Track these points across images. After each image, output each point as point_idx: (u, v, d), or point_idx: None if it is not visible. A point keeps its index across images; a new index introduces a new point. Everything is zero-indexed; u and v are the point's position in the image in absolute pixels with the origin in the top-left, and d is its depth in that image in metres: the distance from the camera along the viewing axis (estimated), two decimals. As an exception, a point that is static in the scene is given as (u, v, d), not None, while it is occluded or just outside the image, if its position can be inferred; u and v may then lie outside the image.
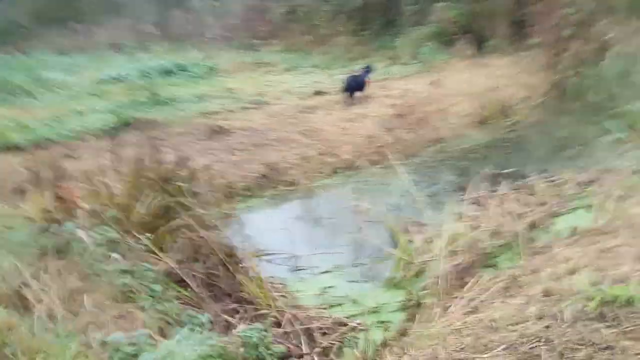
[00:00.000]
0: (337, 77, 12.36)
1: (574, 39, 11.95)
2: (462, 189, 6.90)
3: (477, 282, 4.34)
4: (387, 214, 6.13)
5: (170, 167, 5.02)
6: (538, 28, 12.71)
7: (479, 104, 10.33)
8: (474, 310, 3.81)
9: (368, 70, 10.08)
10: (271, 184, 7.45)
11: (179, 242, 4.39)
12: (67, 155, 7.48)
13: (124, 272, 3.85)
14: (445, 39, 13.83)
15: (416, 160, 8.43)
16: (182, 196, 4.78)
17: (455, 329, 3.53)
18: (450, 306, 4.06)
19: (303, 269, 5.24)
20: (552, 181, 6.75)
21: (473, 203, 6.32)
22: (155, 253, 4.26)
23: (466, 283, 4.45)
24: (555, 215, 5.83)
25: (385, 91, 10.48)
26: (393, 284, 4.87)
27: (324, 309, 4.42)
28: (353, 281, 5.03)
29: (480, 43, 14.02)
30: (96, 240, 4.11)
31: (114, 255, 3.98)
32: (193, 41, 17.23)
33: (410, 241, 5.30)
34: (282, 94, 10.97)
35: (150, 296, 3.71)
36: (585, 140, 8.53)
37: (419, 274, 4.85)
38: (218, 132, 8.39)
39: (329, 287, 4.91)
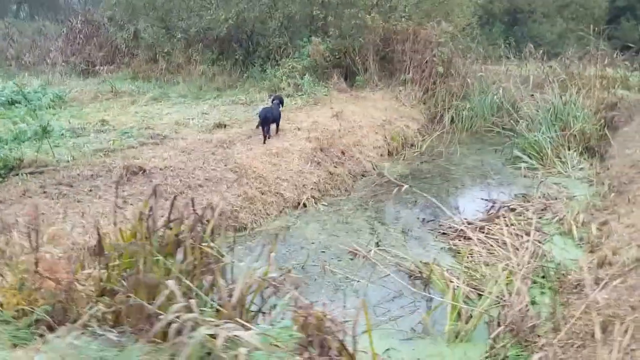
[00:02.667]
0: (222, 108, 11.47)
1: (445, 76, 12.70)
2: (423, 221, 6.78)
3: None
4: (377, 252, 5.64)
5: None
6: (408, 65, 13.22)
7: (382, 136, 10.29)
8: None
9: (280, 102, 9.38)
10: (220, 231, 6.35)
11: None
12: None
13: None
14: (318, 72, 13.67)
15: (356, 194, 7.99)
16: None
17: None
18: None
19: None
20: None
21: (456, 236, 6.09)
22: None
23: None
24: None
25: (291, 124, 9.84)
26: (456, 337, 4.26)
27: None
28: (407, 339, 4.32)
29: (350, 77, 14.18)
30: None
31: None
32: (28, 67, 14.72)
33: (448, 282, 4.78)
34: (176, 127, 9.68)
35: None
36: (496, 168, 8.96)
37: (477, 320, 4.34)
38: (136, 173, 6.96)
39: (387, 350, 4.16)
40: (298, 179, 7.87)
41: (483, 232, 5.87)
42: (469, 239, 5.83)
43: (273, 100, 9.41)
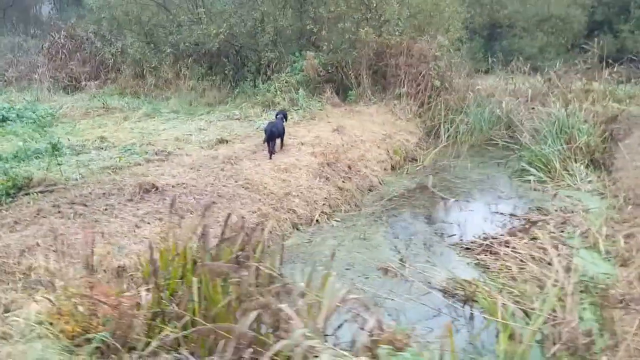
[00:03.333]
0: (219, 124, 11.33)
1: (440, 90, 12.76)
2: (442, 236, 6.74)
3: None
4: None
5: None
6: (402, 79, 13.25)
7: (385, 150, 10.25)
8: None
9: (284, 117, 9.28)
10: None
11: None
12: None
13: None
14: (311, 86, 13.62)
15: (368, 209, 7.91)
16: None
17: None
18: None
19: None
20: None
21: (481, 251, 6.04)
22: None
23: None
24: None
25: (293, 139, 9.74)
26: (512, 358, 4.16)
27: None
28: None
29: (343, 92, 14.16)
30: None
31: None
32: (11, 83, 14.35)
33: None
34: (177, 143, 9.51)
35: None
36: (503, 181, 8.99)
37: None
38: (148, 190, 6.77)
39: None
40: (308, 195, 7.75)
41: (508, 247, 5.81)
42: (495, 253, 5.78)
43: (277, 115, 9.31)
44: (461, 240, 6.43)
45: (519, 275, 5.15)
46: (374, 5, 13.68)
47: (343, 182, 8.50)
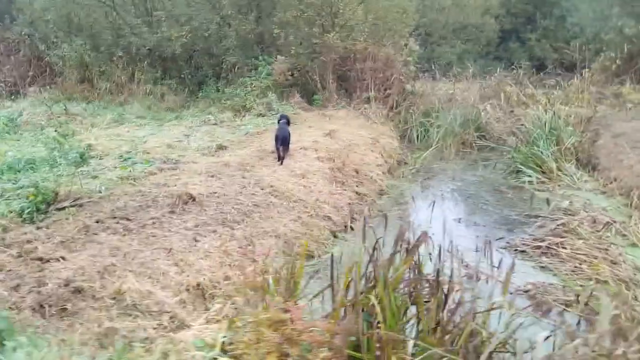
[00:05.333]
0: (202, 130, 10.89)
1: (409, 94, 13.07)
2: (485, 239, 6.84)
3: None
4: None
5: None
6: (369, 83, 13.43)
7: (379, 154, 10.35)
8: None
9: (287, 121, 9.07)
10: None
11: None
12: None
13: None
14: (278, 91, 13.45)
15: (392, 214, 7.91)
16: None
17: None
18: None
19: None
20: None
21: (541, 253, 6.21)
22: None
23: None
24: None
25: (291, 144, 9.54)
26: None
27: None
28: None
29: (308, 96, 14.10)
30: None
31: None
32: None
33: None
34: (170, 150, 9.02)
35: None
36: (501, 182, 9.34)
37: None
38: (186, 201, 6.36)
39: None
40: (333, 201, 7.65)
41: (565, 248, 6.03)
42: (555, 255, 5.96)
43: (280, 120, 9.07)
44: (508, 243, 6.54)
45: (596, 276, 5.31)
46: (340, 11, 13.73)
47: (357, 186, 8.46)
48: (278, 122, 9.09)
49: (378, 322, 3.20)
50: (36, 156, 7.89)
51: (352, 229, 7.24)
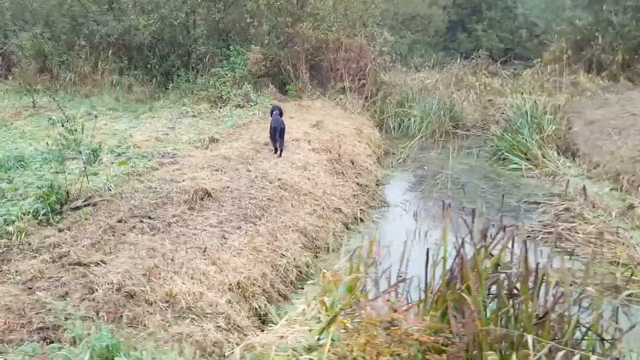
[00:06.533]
0: (185, 122, 10.57)
1: (382, 84, 13.13)
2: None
3: None
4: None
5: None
6: (343, 73, 13.40)
7: (366, 144, 10.36)
8: None
9: (280, 112, 8.89)
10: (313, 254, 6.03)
11: None
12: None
13: None
14: (253, 81, 13.19)
15: (396, 204, 7.95)
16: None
17: None
18: None
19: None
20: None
21: (557, 239, 6.35)
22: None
23: None
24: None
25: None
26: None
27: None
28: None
29: (280, 86, 13.91)
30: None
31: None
32: None
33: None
34: (160, 143, 8.69)
35: None
36: (489, 170, 9.55)
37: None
38: (203, 197, 6.14)
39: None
40: (339, 193, 7.60)
41: (578, 233, 6.21)
42: (568, 240, 6.14)
43: (273, 111, 8.88)
44: (520, 230, 6.66)
45: (616, 259, 5.50)
46: (311, 1, 13.59)
47: (356, 177, 8.44)
48: (271, 114, 8.91)
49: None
50: (24, 153, 7.42)
51: (361, 220, 7.21)
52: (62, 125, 5.82)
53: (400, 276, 3.65)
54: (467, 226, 3.81)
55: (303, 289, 5.28)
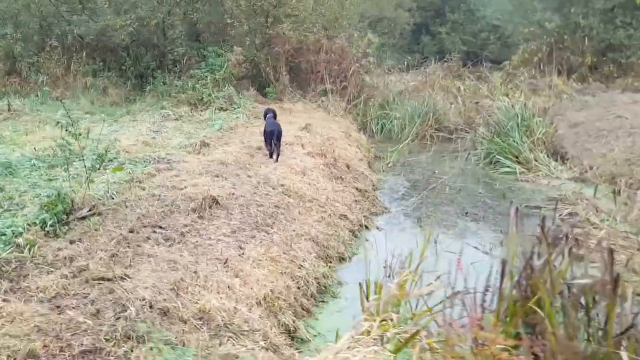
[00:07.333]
0: (169, 125, 10.26)
1: (364, 87, 13.09)
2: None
3: None
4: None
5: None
6: (323, 75, 13.31)
7: (356, 148, 10.28)
8: None
9: (274, 115, 8.71)
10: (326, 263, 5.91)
11: None
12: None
13: None
14: (234, 83, 12.95)
15: (396, 210, 7.89)
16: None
17: None
18: None
19: None
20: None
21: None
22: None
23: None
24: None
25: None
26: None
27: None
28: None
29: (259, 89, 13.71)
30: None
31: None
32: None
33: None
34: (149, 148, 8.39)
35: None
36: (482, 173, 9.60)
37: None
38: (210, 205, 5.91)
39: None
40: (341, 199, 7.48)
41: (591, 239, 6.23)
42: (581, 246, 6.15)
43: (267, 114, 8.69)
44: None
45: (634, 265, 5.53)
46: (291, 2, 13.42)
47: (355, 181, 8.34)
48: (264, 117, 8.72)
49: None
50: (10, 159, 7.02)
51: (366, 227, 7.11)
52: (66, 130, 5.48)
53: (454, 288, 3.54)
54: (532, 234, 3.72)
55: (324, 302, 5.15)
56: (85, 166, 5.83)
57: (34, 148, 7.77)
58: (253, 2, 12.94)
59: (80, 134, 5.57)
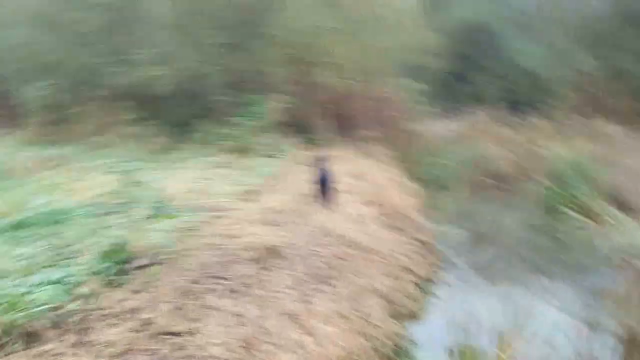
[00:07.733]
0: (219, 173, 10.09)
1: (413, 133, 12.86)
2: None
3: None
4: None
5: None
6: (366, 122, 13.12)
7: (406, 195, 9.96)
8: None
9: (324, 162, 8.45)
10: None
11: None
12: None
13: None
14: (278, 130, 12.85)
15: (459, 261, 7.47)
16: None
17: None
18: None
19: None
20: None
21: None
22: None
23: None
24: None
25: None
26: None
27: None
28: None
29: (305, 136, 13.57)
30: None
31: None
32: None
33: None
34: (197, 195, 8.18)
35: None
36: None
37: None
38: (271, 255, 5.63)
39: None
40: (404, 251, 7.14)
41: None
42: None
43: (316, 162, 8.42)
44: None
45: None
46: (333, 50, 13.40)
47: (414, 233, 7.99)
48: (314, 164, 8.47)
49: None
50: (64, 206, 6.89)
51: (432, 280, 6.72)
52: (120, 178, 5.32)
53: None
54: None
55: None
56: (142, 214, 5.63)
57: (89, 195, 7.62)
58: (294, 50, 12.95)
59: (137, 182, 5.40)
